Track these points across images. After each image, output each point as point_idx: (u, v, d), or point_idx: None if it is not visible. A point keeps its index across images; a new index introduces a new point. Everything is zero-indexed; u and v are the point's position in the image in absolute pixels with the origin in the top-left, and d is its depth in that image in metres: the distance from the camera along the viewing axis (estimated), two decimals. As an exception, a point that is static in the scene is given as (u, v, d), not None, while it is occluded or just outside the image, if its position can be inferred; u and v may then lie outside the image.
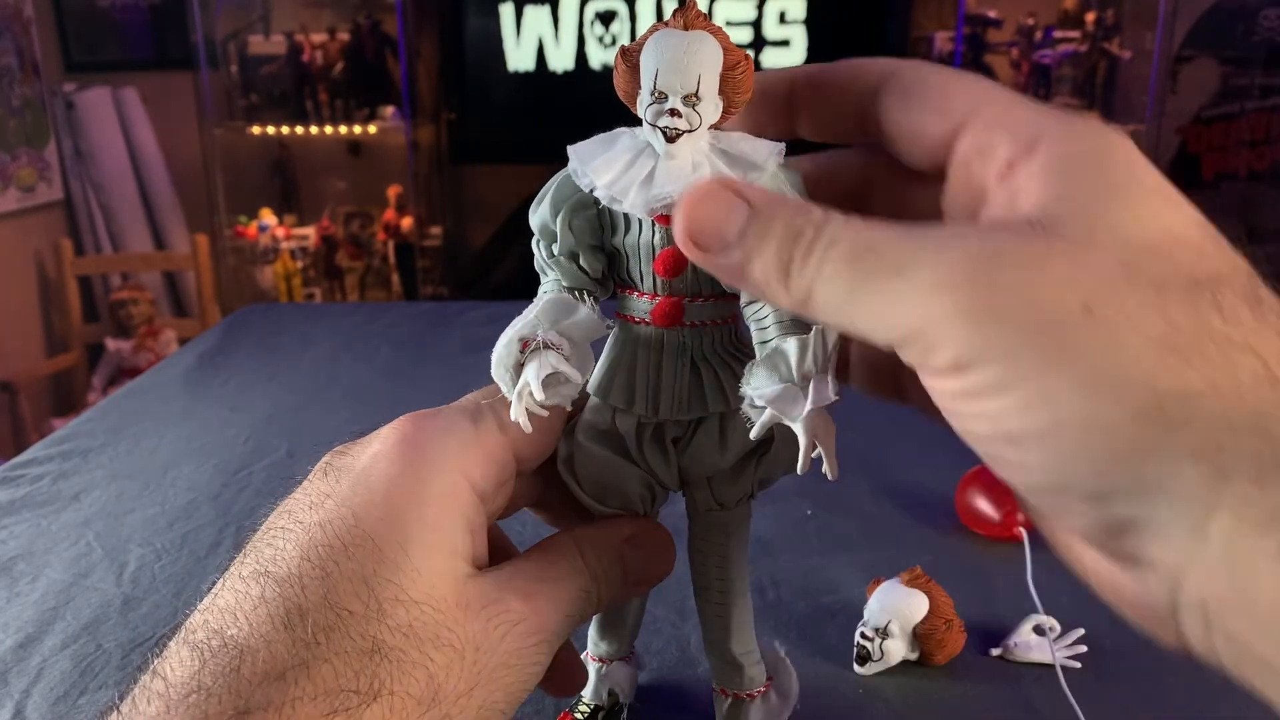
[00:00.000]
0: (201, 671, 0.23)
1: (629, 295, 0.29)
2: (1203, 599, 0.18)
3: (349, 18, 2.45)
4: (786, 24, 2.28)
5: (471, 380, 0.34)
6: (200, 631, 0.24)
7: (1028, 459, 0.20)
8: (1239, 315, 0.19)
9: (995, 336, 0.19)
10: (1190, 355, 0.18)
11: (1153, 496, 0.18)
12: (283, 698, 0.23)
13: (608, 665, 0.35)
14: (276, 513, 0.27)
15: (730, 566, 0.32)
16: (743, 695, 0.33)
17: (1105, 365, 0.18)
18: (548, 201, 0.28)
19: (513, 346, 0.27)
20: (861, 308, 0.21)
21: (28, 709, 0.37)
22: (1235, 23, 2.37)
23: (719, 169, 0.26)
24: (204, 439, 0.66)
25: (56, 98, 2.44)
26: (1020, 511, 0.49)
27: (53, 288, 2.40)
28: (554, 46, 2.32)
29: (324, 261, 2.54)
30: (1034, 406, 0.19)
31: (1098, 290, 0.19)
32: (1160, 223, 0.20)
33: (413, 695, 0.24)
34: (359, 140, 2.57)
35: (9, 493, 0.57)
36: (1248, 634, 0.18)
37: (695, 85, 0.25)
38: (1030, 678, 0.39)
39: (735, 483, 0.31)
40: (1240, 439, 0.18)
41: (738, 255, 0.23)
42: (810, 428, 0.25)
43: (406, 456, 0.26)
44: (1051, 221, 0.20)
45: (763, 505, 0.55)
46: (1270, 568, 0.17)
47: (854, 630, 0.39)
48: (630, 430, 0.29)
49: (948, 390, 0.21)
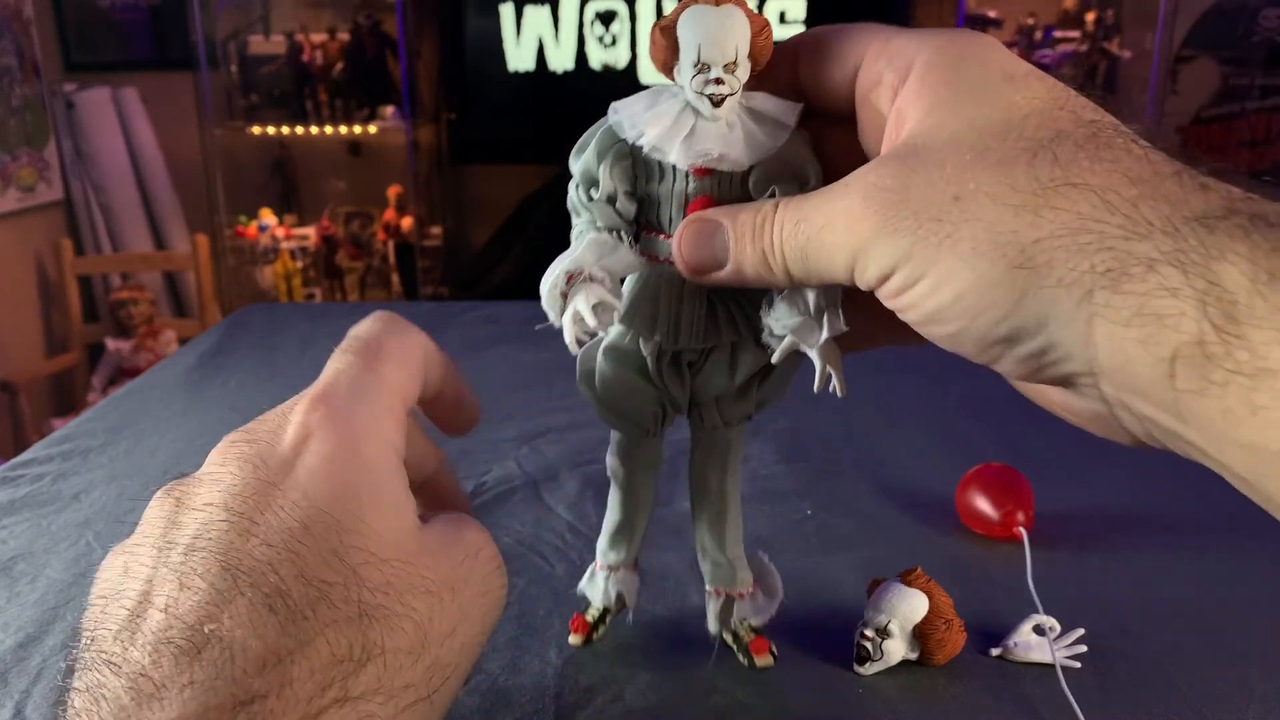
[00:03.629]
0: (192, 666, 0.22)
1: (656, 238, 0.32)
2: (1114, 392, 0.23)
3: (349, 18, 2.46)
4: (786, 24, 2.29)
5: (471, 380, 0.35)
6: (175, 629, 0.23)
7: (951, 328, 0.25)
8: (1076, 161, 0.23)
9: (899, 244, 0.24)
10: (1039, 209, 0.22)
11: (1046, 326, 0.23)
12: (281, 680, 0.23)
13: (615, 573, 0.39)
14: (179, 509, 0.26)
15: (727, 478, 0.37)
16: (734, 594, 0.38)
17: (978, 237, 0.23)
18: (592, 149, 0.31)
19: (560, 279, 0.30)
20: (815, 262, 0.27)
21: (28, 709, 0.37)
22: (1235, 23, 2.37)
23: (750, 128, 0.30)
24: (204, 439, 0.66)
25: (56, 98, 2.44)
26: (1020, 511, 0.49)
27: (53, 288, 2.40)
28: (554, 46, 2.32)
29: (324, 261, 2.54)
30: (940, 286, 0.24)
31: (960, 180, 0.23)
32: (1007, 105, 0.24)
33: (403, 648, 0.25)
34: (359, 140, 2.57)
35: (9, 492, 0.58)
36: (1142, 407, 0.22)
37: (734, 55, 0.29)
38: (1030, 678, 0.39)
39: (740, 403, 0.35)
40: (1093, 259, 0.22)
41: (732, 267, 0.29)
42: (824, 354, 0.30)
43: (335, 433, 0.27)
44: (922, 133, 0.25)
45: (762, 504, 0.55)
46: (1139, 351, 0.21)
47: (853, 630, 0.39)
48: (651, 354, 0.34)
49: (886, 296, 0.26)
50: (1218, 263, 0.20)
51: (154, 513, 0.27)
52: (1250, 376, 0.20)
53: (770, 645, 0.38)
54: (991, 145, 0.24)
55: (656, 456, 0.38)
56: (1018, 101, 0.24)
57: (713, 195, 0.30)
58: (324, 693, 0.23)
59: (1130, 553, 0.49)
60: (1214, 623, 0.42)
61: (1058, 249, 0.22)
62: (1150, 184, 0.22)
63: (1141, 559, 0.48)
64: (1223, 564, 0.47)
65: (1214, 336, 0.20)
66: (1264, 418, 0.20)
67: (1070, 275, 0.22)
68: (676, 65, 0.29)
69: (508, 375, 0.77)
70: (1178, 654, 0.40)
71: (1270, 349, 0.20)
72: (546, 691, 0.38)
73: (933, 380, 0.73)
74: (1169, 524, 0.51)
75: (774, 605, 0.38)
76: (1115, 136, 0.23)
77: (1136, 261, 0.21)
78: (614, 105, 0.31)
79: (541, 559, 0.48)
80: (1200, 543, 0.49)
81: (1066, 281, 0.22)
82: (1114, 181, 0.22)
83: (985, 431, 0.64)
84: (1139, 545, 0.49)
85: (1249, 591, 0.45)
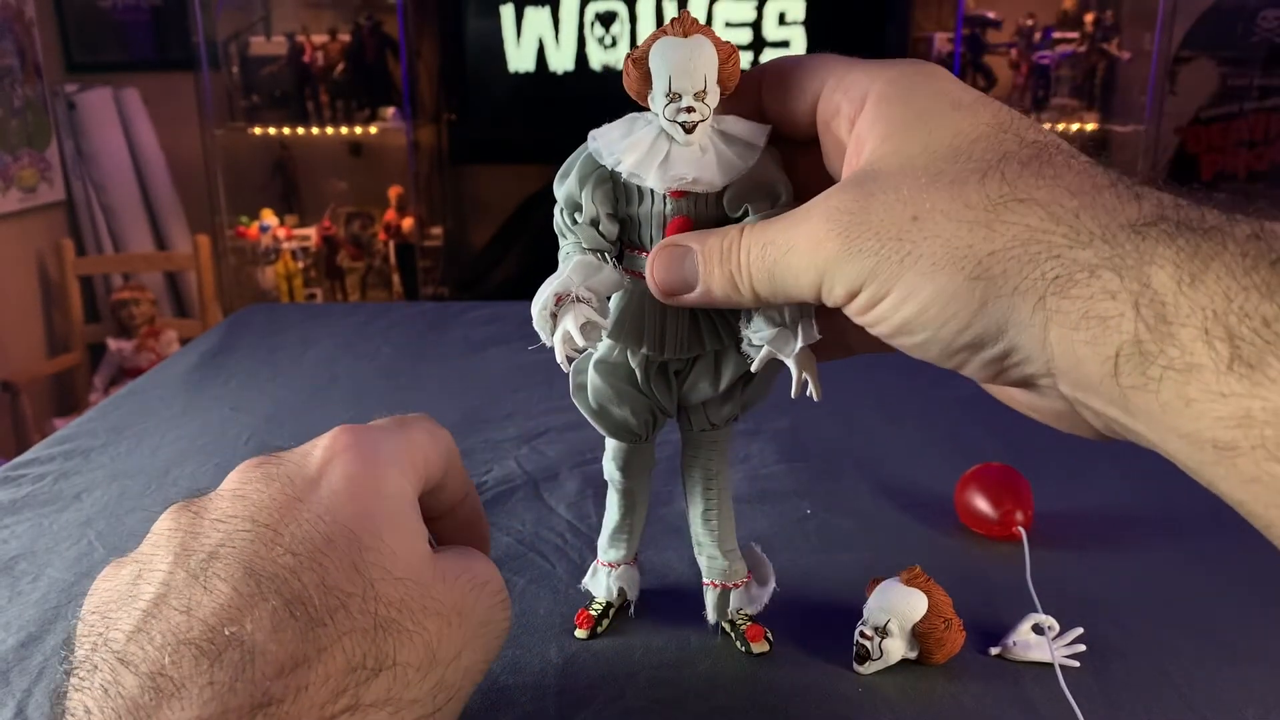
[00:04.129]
0: (213, 668, 0.23)
1: (639, 255, 0.33)
2: (1071, 391, 0.24)
3: (350, 19, 2.46)
4: (786, 25, 2.29)
5: (472, 380, 0.35)
6: (196, 630, 0.24)
7: (918, 339, 0.26)
8: (1022, 179, 0.24)
9: (863, 263, 0.26)
10: (992, 224, 0.24)
11: (1006, 331, 0.24)
12: (298, 685, 0.23)
13: (616, 569, 0.41)
14: (207, 518, 0.27)
15: (718, 477, 0.39)
16: (729, 585, 0.40)
17: (937, 253, 0.25)
18: (574, 176, 0.32)
19: (549, 301, 0.31)
20: (782, 284, 0.28)
21: (29, 708, 0.37)
22: (1234, 23, 2.37)
23: (722, 150, 0.31)
24: (205, 438, 0.66)
25: (58, 98, 2.45)
26: (1019, 510, 0.49)
27: (54, 288, 2.40)
28: (554, 47, 2.32)
29: (325, 262, 2.54)
30: (905, 300, 0.25)
31: (916, 201, 0.25)
32: (956, 131, 0.26)
33: (412, 664, 0.26)
34: (360, 141, 2.57)
35: (11, 492, 0.58)
36: (1096, 403, 0.23)
37: (704, 83, 0.30)
38: (1029, 677, 0.39)
39: (725, 406, 0.37)
40: (1043, 267, 0.23)
41: (701, 289, 0.30)
42: (800, 361, 0.32)
43: (358, 458, 0.29)
44: (879, 159, 0.27)
45: (762, 504, 0.55)
46: (1087, 351, 0.23)
47: (853, 629, 0.39)
48: (640, 365, 0.35)
49: (854, 313, 0.27)
50: (1149, 266, 0.22)
51: (167, 525, 0.28)
52: (1181, 372, 0.21)
53: (765, 632, 0.40)
54: (944, 168, 0.25)
55: (650, 459, 0.40)
56: (966, 127, 0.26)
57: (689, 215, 0.32)
58: (337, 699, 0.24)
59: (1129, 552, 0.49)
60: (1213, 622, 0.42)
61: (1011, 260, 0.24)
62: (1089, 195, 0.24)
63: (1141, 558, 0.48)
64: (1222, 564, 0.47)
65: (1148, 335, 0.21)
66: (1195, 410, 0.21)
67: (1024, 283, 0.23)
68: (650, 94, 0.31)
69: (508, 375, 0.77)
70: (1177, 653, 0.40)
71: (1196, 345, 0.21)
72: (547, 690, 0.38)
73: (933, 380, 0.73)
74: (1168, 524, 0.52)
75: (767, 593, 0.40)
76: (1056, 154, 0.25)
77: (1081, 268, 0.23)
78: (592, 133, 0.32)
79: (542, 558, 0.48)
80: (1200, 542, 0.49)
81: (1021, 289, 0.23)
82: (1057, 195, 0.24)
83: (985, 431, 0.64)
84: (1138, 545, 0.50)
85: (1248, 591, 0.45)
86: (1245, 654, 0.40)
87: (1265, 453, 0.20)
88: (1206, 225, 0.22)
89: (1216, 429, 0.21)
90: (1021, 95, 2.41)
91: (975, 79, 2.41)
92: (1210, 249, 0.21)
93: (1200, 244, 0.21)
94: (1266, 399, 0.20)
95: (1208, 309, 0.21)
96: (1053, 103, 2.41)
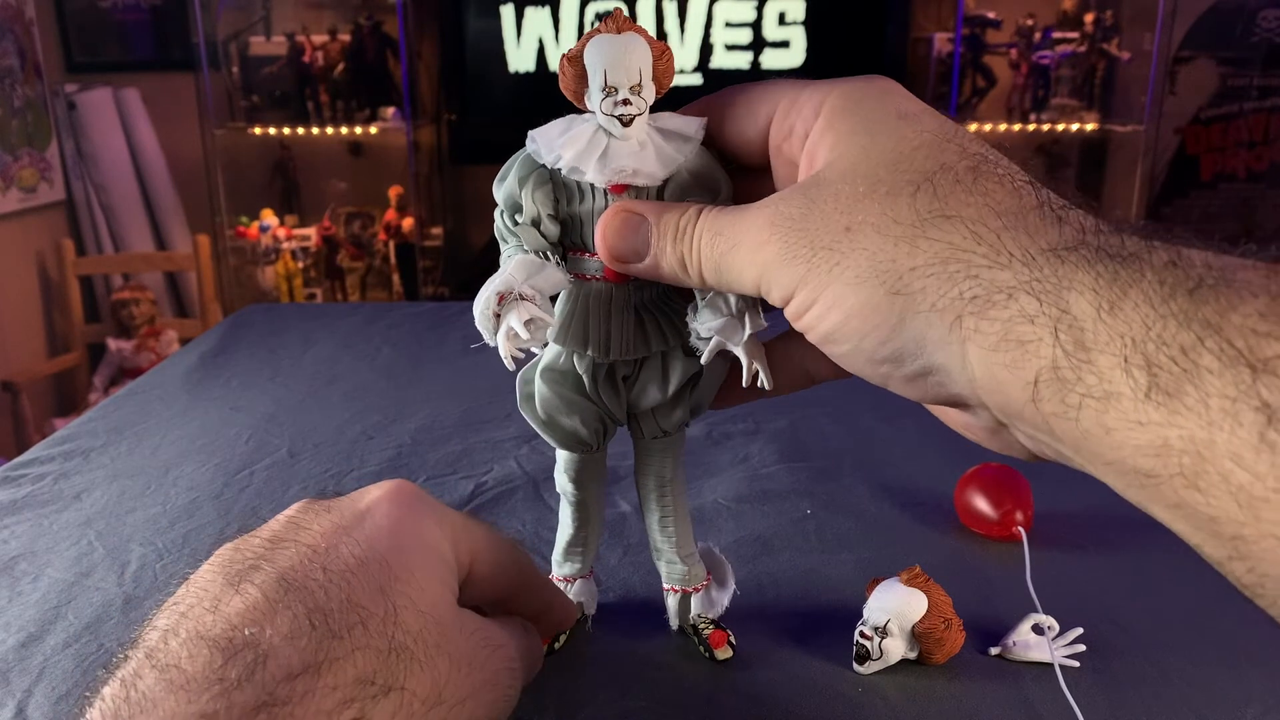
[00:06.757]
0: (225, 666, 0.23)
1: (582, 257, 0.34)
2: (998, 414, 0.24)
3: (350, 19, 2.45)
4: (786, 25, 2.28)
5: (472, 380, 0.35)
6: (218, 628, 0.25)
7: (844, 348, 0.26)
8: (954, 194, 0.25)
9: (796, 270, 0.26)
10: (916, 239, 0.24)
11: (925, 348, 0.24)
12: (306, 689, 0.24)
13: (572, 584, 0.41)
14: (258, 538, 0.29)
15: (671, 484, 0.39)
16: (689, 590, 0.40)
17: (861, 265, 0.25)
18: (512, 177, 0.33)
19: (492, 300, 0.31)
20: (726, 275, 0.29)
21: (29, 708, 0.37)
22: (1234, 23, 2.37)
23: (660, 144, 0.32)
24: (205, 438, 0.66)
25: (58, 98, 2.45)
26: (1019, 510, 0.49)
27: (54, 288, 2.40)
28: (555, 47, 2.32)
29: (325, 262, 2.54)
30: (832, 309, 0.26)
31: (851, 212, 0.25)
32: (899, 139, 0.26)
33: (419, 694, 0.26)
34: (360, 141, 2.57)
35: (11, 492, 0.58)
36: (1022, 425, 0.24)
37: (639, 77, 0.31)
38: (1029, 677, 0.39)
39: (675, 411, 0.36)
40: (961, 286, 0.23)
41: (650, 261, 0.30)
42: (749, 350, 0.32)
43: (405, 504, 0.30)
44: (825, 167, 0.27)
45: (762, 504, 0.55)
46: (1007, 375, 0.23)
47: (853, 629, 0.39)
48: (587, 371, 0.35)
49: (790, 317, 0.27)
50: (1068, 292, 0.22)
51: (225, 549, 0.29)
52: (1099, 399, 0.21)
53: (729, 636, 0.40)
54: (883, 176, 0.26)
55: (602, 470, 0.39)
56: (909, 135, 0.26)
57: None
58: (344, 709, 0.24)
59: (1129, 552, 0.49)
60: (1213, 622, 0.42)
61: (930, 276, 0.24)
62: (1015, 216, 0.24)
63: (1140, 559, 0.48)
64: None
65: (1066, 362, 0.21)
66: (1115, 439, 0.21)
67: (941, 301, 0.24)
68: (586, 92, 0.31)
69: (508, 375, 0.77)
70: (1176, 653, 0.40)
71: (1114, 373, 0.20)
72: (547, 691, 0.38)
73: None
74: (1168, 524, 0.52)
75: (727, 596, 0.40)
76: (995, 169, 0.25)
77: (999, 290, 0.23)
78: (531, 134, 0.32)
79: (541, 559, 0.48)
80: (1199, 542, 0.49)
81: (939, 307, 0.24)
82: (983, 214, 0.24)
83: (985, 432, 0.64)
84: (1138, 545, 0.50)
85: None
86: (1245, 654, 0.40)
87: (1184, 480, 0.20)
88: (1125, 252, 0.22)
89: (1137, 457, 0.20)
90: (1021, 95, 2.41)
91: (975, 79, 2.41)
92: (1129, 276, 0.21)
93: (1119, 271, 0.21)
94: (1183, 427, 0.19)
95: (1126, 336, 0.20)
96: (1053, 103, 2.40)
